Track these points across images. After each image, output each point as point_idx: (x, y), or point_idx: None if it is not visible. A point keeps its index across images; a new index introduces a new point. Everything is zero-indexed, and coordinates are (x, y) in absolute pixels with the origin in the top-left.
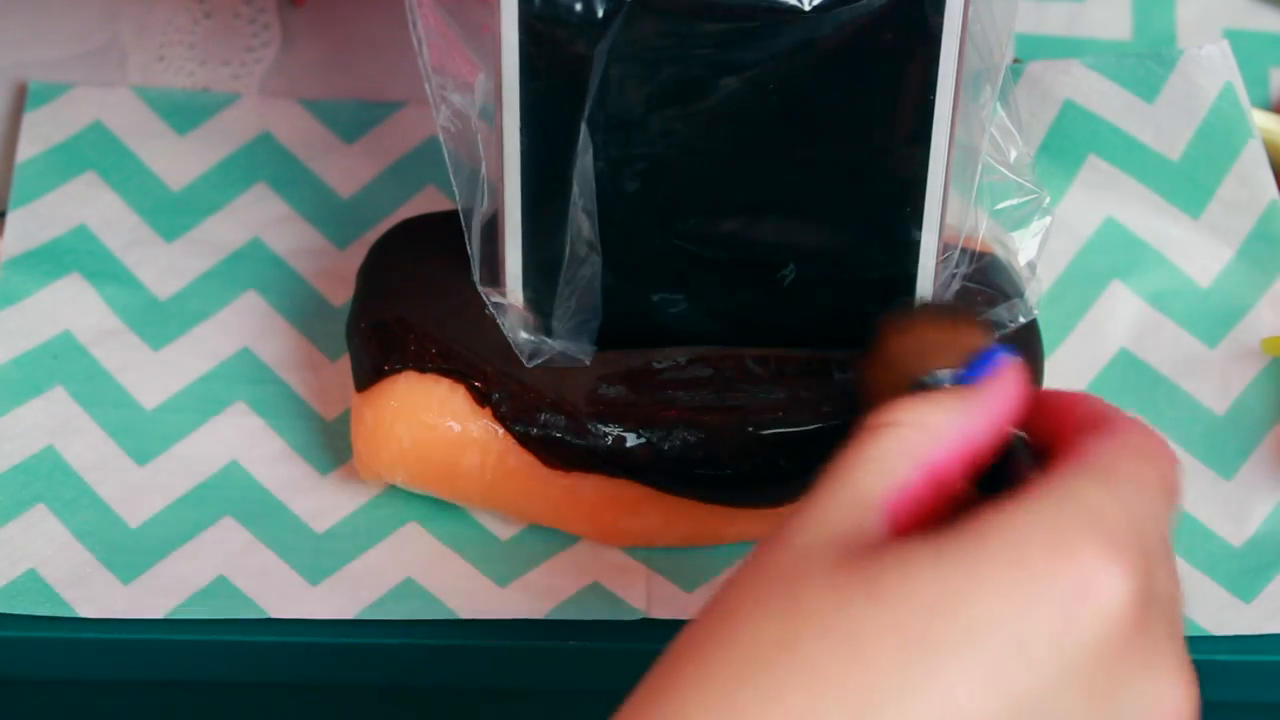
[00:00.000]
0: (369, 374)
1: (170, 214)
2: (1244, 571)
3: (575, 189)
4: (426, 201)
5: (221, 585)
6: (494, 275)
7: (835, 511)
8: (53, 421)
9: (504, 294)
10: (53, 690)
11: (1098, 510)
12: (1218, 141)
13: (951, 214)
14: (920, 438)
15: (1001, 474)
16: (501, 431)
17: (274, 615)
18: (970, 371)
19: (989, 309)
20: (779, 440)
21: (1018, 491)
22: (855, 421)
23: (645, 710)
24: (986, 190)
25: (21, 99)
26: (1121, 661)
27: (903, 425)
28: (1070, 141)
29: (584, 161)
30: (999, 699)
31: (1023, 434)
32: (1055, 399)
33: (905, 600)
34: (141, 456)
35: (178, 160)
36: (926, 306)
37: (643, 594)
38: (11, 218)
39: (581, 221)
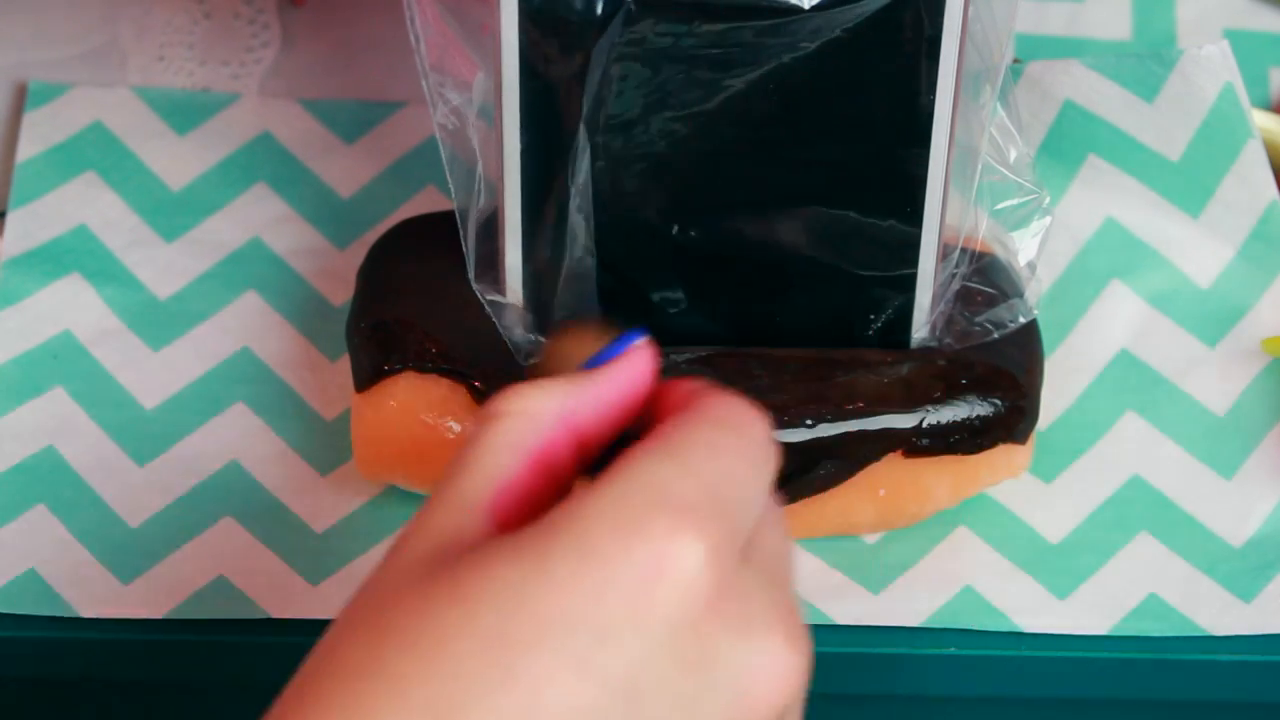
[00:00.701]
0: (369, 374)
1: (170, 214)
2: (1244, 571)
3: (574, 188)
4: (426, 201)
5: (221, 585)
6: (490, 274)
7: (439, 518)
8: (53, 421)
9: (501, 293)
10: (53, 690)
11: (663, 484)
12: (1218, 141)
13: (951, 214)
14: (524, 426)
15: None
16: None
17: (274, 615)
18: (597, 358)
19: (989, 309)
20: (778, 441)
21: (589, 485)
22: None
23: None
24: (986, 190)
25: (21, 99)
26: (712, 627)
27: (507, 415)
28: (1070, 141)
29: (583, 161)
30: (588, 688)
31: (634, 429)
32: (665, 388)
33: (483, 600)
34: (141, 456)
35: (178, 160)
36: (574, 322)
37: None
38: (11, 218)
39: (579, 221)
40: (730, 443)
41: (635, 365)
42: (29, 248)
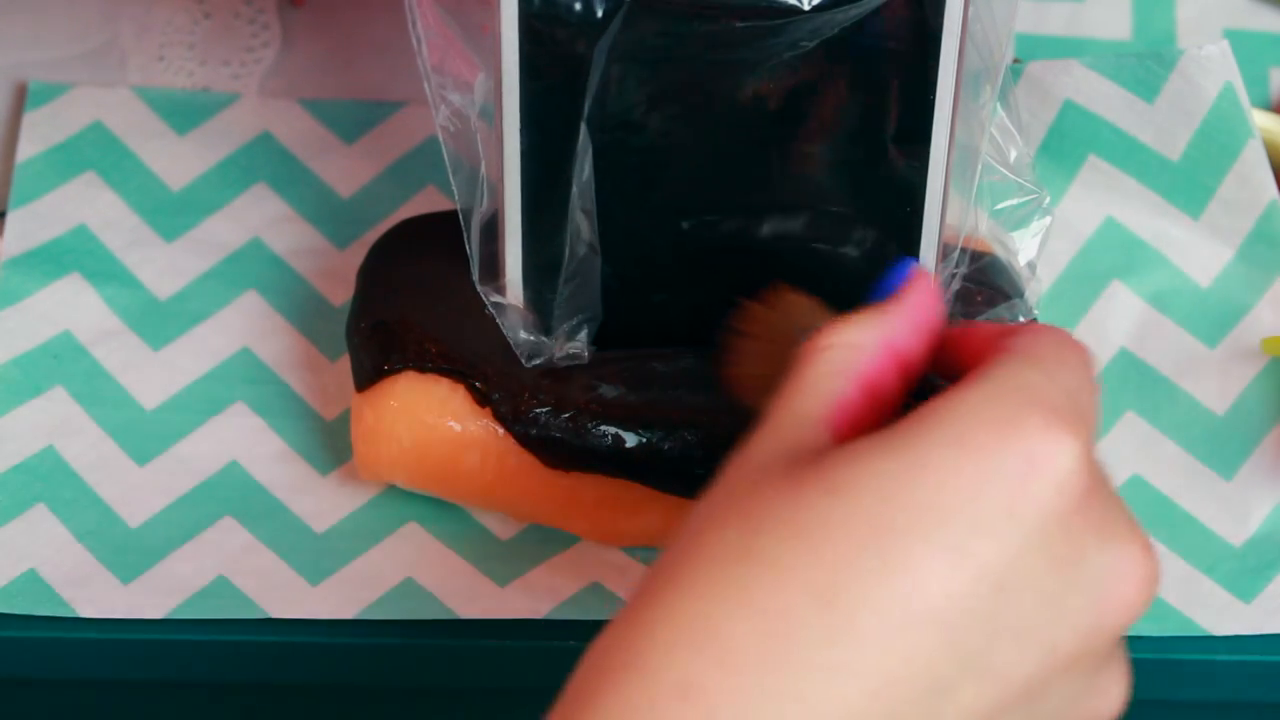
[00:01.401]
0: (369, 374)
1: (170, 214)
2: (1244, 571)
3: (575, 189)
4: (426, 201)
5: (221, 585)
6: (494, 275)
7: (783, 430)
8: (53, 421)
9: (504, 294)
10: (53, 690)
11: (1034, 386)
12: (1218, 141)
13: (951, 214)
14: (850, 355)
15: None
16: (501, 431)
17: (274, 615)
18: (880, 289)
19: (989, 309)
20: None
21: (954, 385)
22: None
23: (623, 634)
24: (986, 190)
25: (21, 99)
26: (1080, 526)
27: (832, 348)
28: (1070, 141)
29: (584, 161)
30: (963, 575)
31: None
32: (960, 332)
33: (859, 492)
34: (141, 456)
35: (178, 160)
36: (760, 300)
37: None
38: (11, 218)
39: (581, 221)
40: (1075, 358)
41: (926, 289)
42: (29, 248)
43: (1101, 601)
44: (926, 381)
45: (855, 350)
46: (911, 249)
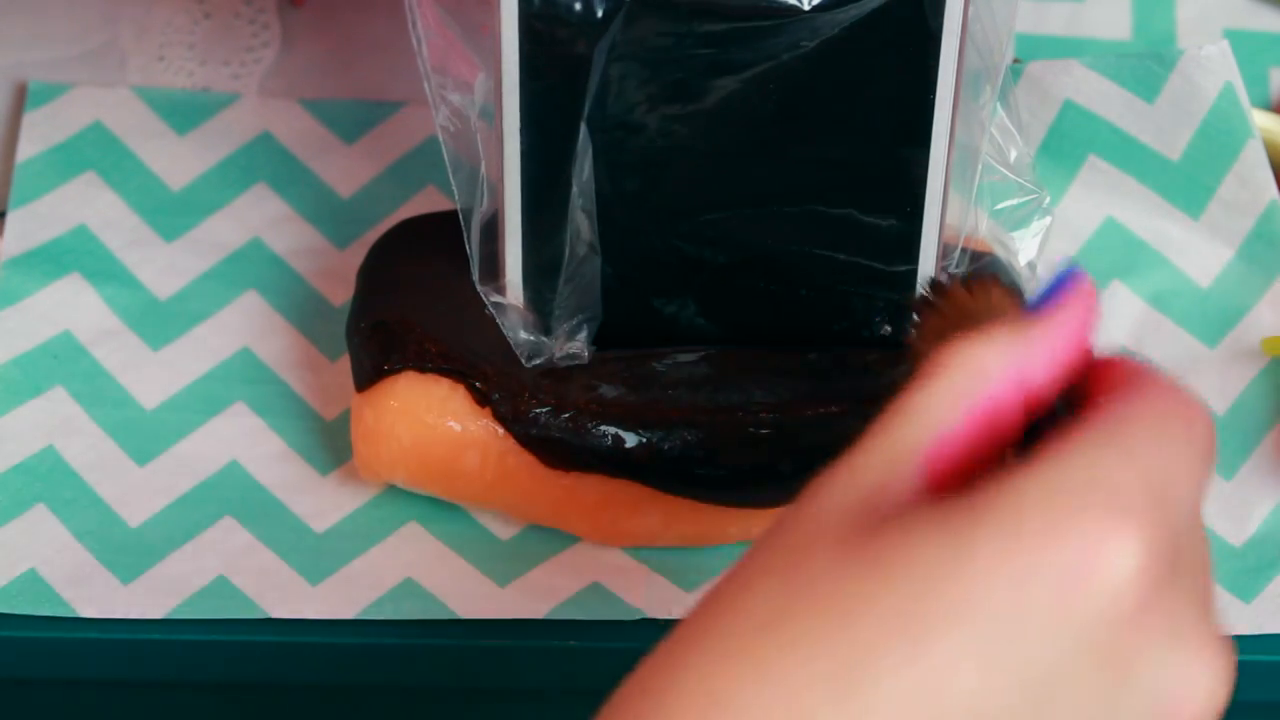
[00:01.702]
0: (369, 374)
1: (170, 214)
2: (1244, 571)
3: (575, 188)
4: (426, 201)
5: (221, 585)
6: (494, 275)
7: (863, 471)
8: (53, 421)
9: (504, 294)
10: (53, 690)
11: (1106, 474)
12: (1218, 141)
13: (952, 214)
14: (972, 383)
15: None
16: (501, 431)
17: (274, 615)
18: (1042, 298)
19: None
20: (779, 440)
21: (1029, 458)
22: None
23: (636, 698)
24: (987, 190)
25: (21, 99)
26: (1136, 635)
27: (952, 370)
28: (1070, 141)
29: (584, 161)
30: (995, 679)
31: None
32: (1104, 362)
33: (901, 571)
34: (141, 456)
35: (178, 160)
36: (954, 282)
37: (642, 594)
38: (11, 218)
39: (581, 221)
40: (1178, 435)
41: (1084, 310)
42: (29, 248)
43: (1159, 713)
44: (1052, 411)
45: (979, 378)
46: (912, 249)
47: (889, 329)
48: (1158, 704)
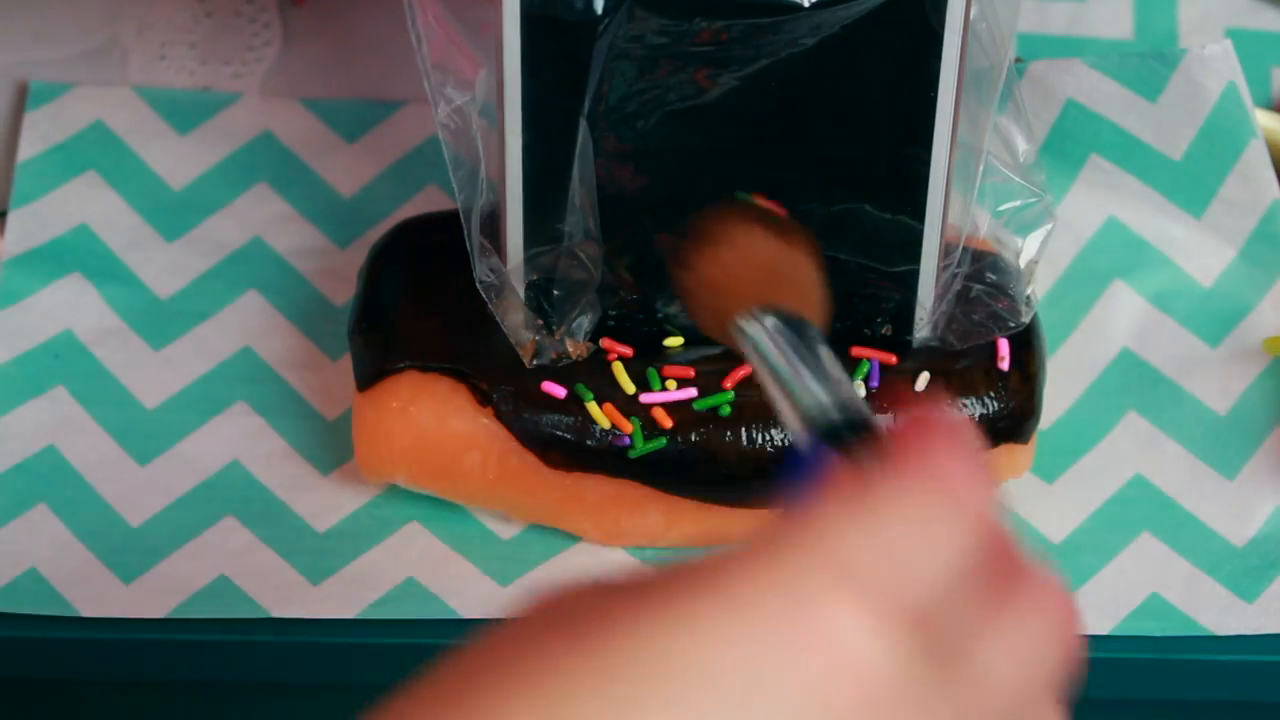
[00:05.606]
0: (371, 373)
1: (171, 213)
2: (1246, 571)
3: (575, 186)
4: (428, 201)
5: (222, 585)
6: (494, 273)
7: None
8: (54, 421)
9: (504, 292)
10: (53, 690)
11: (850, 549)
12: (1220, 141)
13: (953, 213)
14: None
15: None
16: (503, 431)
17: (275, 615)
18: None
19: (989, 308)
20: (780, 440)
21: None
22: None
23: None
24: (989, 190)
25: (22, 99)
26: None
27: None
28: (1072, 141)
29: (585, 158)
30: None
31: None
32: (913, 420)
33: (622, 645)
34: (143, 456)
35: (179, 160)
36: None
37: None
38: (12, 217)
39: (584, 218)
40: (934, 514)
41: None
42: (30, 247)
43: None
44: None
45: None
46: (913, 248)
47: (890, 329)
48: None
